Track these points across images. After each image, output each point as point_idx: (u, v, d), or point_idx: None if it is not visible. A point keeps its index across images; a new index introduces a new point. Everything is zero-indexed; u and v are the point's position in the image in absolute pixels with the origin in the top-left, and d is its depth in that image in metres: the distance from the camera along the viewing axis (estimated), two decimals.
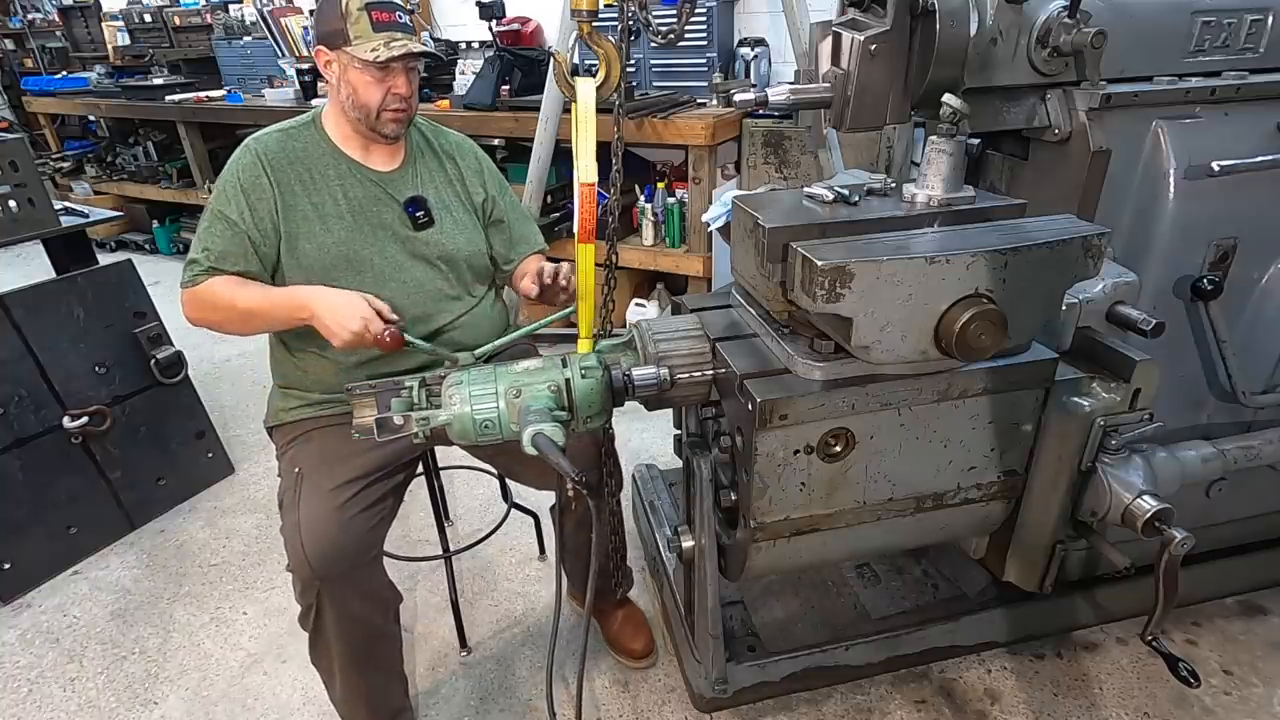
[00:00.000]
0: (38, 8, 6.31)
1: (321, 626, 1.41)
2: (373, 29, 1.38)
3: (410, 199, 1.51)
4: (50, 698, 1.81)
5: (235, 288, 1.39)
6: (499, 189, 1.68)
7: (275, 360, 1.58)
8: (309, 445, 1.48)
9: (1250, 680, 1.70)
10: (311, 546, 1.32)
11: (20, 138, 2.23)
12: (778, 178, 3.20)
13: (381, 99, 1.42)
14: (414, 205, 1.51)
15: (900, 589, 1.80)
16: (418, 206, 1.52)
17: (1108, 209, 1.37)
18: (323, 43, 1.43)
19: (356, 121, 1.46)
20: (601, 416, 1.24)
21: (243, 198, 1.41)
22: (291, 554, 1.34)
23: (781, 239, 1.08)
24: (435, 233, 1.53)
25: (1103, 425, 1.22)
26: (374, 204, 1.49)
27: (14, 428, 2.05)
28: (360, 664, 1.47)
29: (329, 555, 1.32)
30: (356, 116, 1.45)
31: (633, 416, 2.69)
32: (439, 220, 1.54)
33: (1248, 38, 1.39)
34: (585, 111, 1.17)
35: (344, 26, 1.38)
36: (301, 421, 1.52)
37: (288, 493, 1.41)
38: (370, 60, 1.37)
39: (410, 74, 1.45)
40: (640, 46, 3.34)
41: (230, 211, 1.41)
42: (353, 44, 1.38)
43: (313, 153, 1.48)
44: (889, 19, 1.15)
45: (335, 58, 1.42)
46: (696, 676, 1.61)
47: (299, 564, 1.33)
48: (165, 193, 4.82)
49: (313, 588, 1.35)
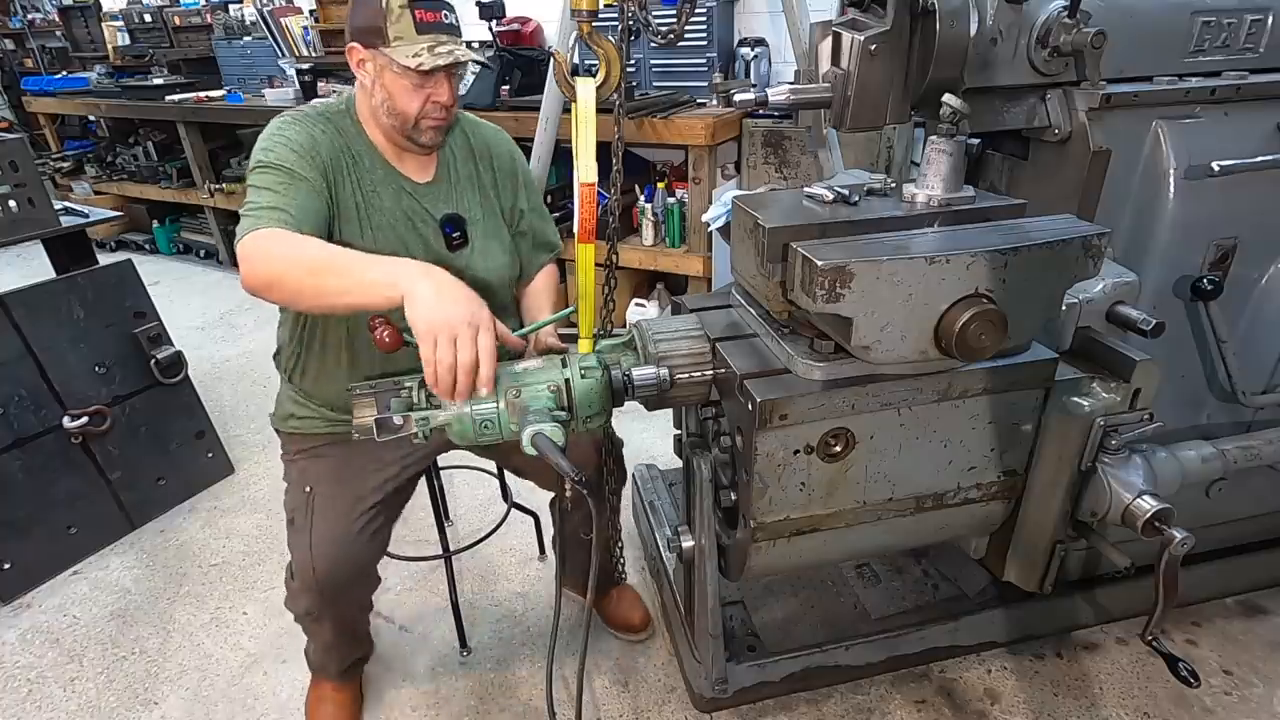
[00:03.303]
0: (38, 8, 6.32)
1: (313, 632, 1.54)
2: (415, 30, 1.23)
3: (446, 217, 1.39)
4: (50, 698, 1.81)
5: (305, 237, 1.16)
6: (529, 194, 1.55)
7: (290, 357, 1.46)
8: (321, 462, 1.44)
9: (1250, 680, 1.70)
10: (322, 566, 1.35)
11: (20, 138, 2.23)
12: (778, 178, 3.20)
13: (421, 107, 1.28)
14: (450, 225, 1.39)
15: (900, 589, 1.80)
16: (454, 226, 1.39)
17: (1108, 209, 1.37)
18: (357, 40, 1.28)
19: (390, 128, 1.32)
20: (601, 416, 1.24)
21: (304, 158, 1.23)
22: (300, 572, 1.38)
23: (781, 239, 1.08)
24: (468, 254, 1.42)
25: (1103, 425, 1.22)
26: (414, 217, 1.36)
27: (14, 428, 2.05)
28: (340, 646, 1.62)
29: (339, 577, 1.38)
30: (391, 123, 1.31)
31: (633, 416, 2.69)
32: (472, 241, 1.43)
33: (1248, 38, 1.39)
34: (585, 111, 1.17)
35: (383, 25, 1.23)
36: (315, 435, 1.47)
37: (299, 511, 1.40)
38: (412, 67, 1.23)
39: (453, 80, 1.31)
40: (640, 46, 3.34)
41: (291, 163, 1.22)
42: (392, 45, 1.24)
43: (356, 146, 1.32)
44: (889, 19, 1.15)
45: (371, 58, 1.27)
46: (696, 676, 1.61)
47: (306, 582, 1.37)
48: (165, 193, 4.82)
49: (315, 602, 1.41)
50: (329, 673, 1.67)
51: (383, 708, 1.75)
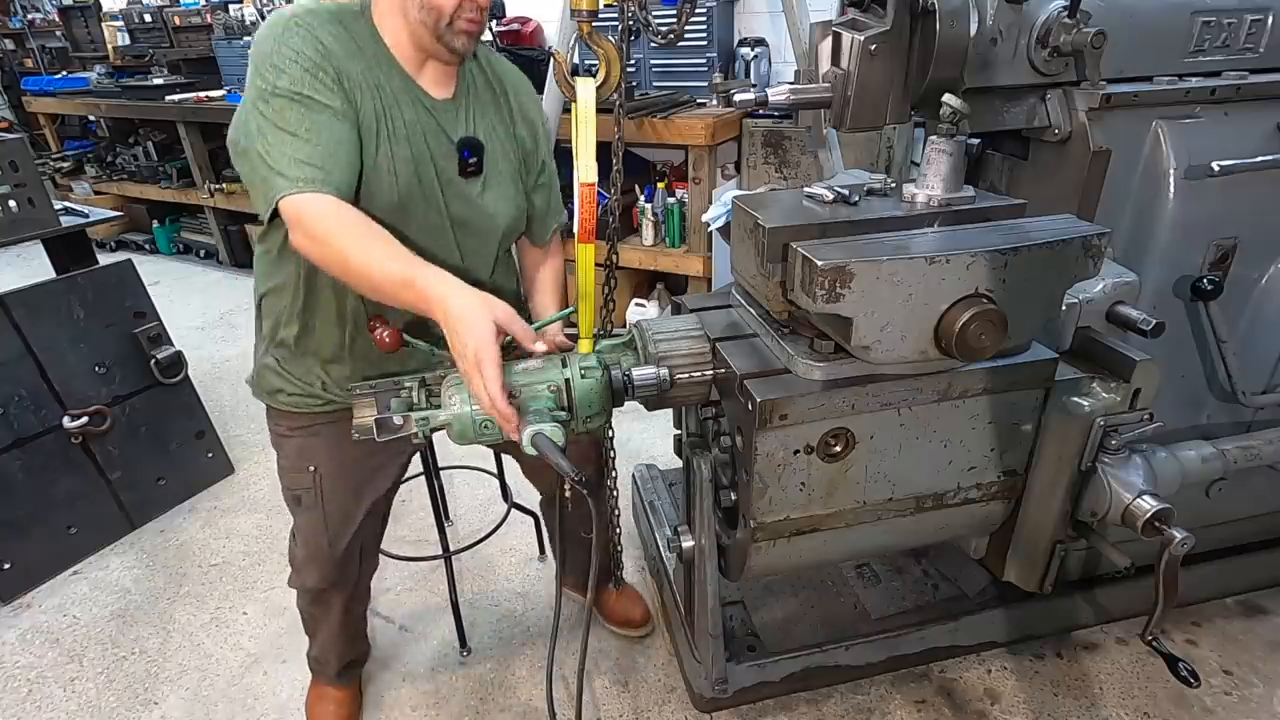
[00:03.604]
0: (38, 8, 6.31)
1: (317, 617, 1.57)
2: None
3: (464, 140, 1.26)
4: (50, 698, 1.81)
5: (349, 226, 1.07)
6: (547, 141, 1.44)
7: (280, 324, 1.32)
8: (317, 440, 1.39)
9: (1250, 680, 1.70)
10: (338, 542, 1.41)
11: (20, 138, 2.22)
12: (778, 178, 3.20)
13: (458, 3, 1.15)
14: (468, 149, 1.26)
15: (900, 589, 1.80)
16: (471, 151, 1.26)
17: (1108, 209, 1.37)
18: None
19: (420, 26, 1.17)
20: (601, 416, 1.24)
21: (319, 79, 1.09)
22: (314, 548, 1.42)
23: (781, 239, 1.08)
24: (480, 184, 1.29)
25: (1103, 425, 1.22)
26: (429, 135, 1.22)
27: (14, 428, 2.05)
28: (341, 636, 1.63)
29: (353, 549, 1.45)
30: (422, 20, 1.16)
31: (633, 416, 2.69)
32: (486, 172, 1.30)
33: (1248, 38, 1.39)
34: (585, 111, 1.16)
35: None
36: (307, 414, 1.38)
37: (306, 491, 1.40)
38: None
39: None
40: (640, 46, 3.33)
41: (307, 88, 1.08)
42: None
43: (370, 51, 1.18)
44: (889, 19, 1.15)
45: None
46: (696, 676, 1.61)
47: (320, 556, 1.42)
48: (165, 193, 4.82)
49: (328, 575, 1.46)
50: (328, 672, 1.67)
51: (383, 708, 1.75)
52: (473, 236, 1.31)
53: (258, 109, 1.09)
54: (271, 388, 1.38)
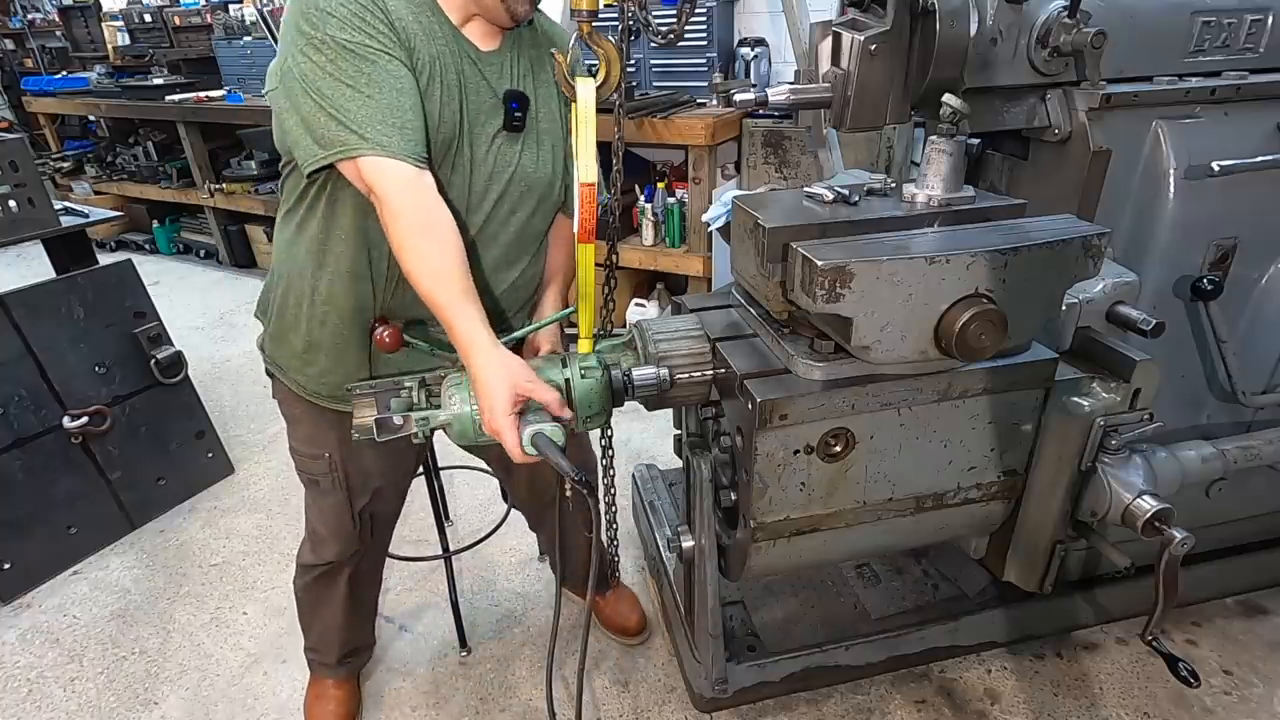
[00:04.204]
0: (38, 8, 6.31)
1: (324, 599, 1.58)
2: None
3: (510, 92, 1.20)
4: (50, 698, 1.81)
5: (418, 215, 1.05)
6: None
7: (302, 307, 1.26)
8: (334, 434, 1.37)
9: (1250, 680, 1.70)
10: (361, 521, 1.44)
11: (20, 138, 2.22)
12: (778, 178, 3.20)
13: None
14: (515, 101, 1.20)
15: (900, 589, 1.80)
16: (519, 104, 1.20)
17: (1108, 209, 1.37)
18: None
19: None
20: (601, 416, 1.24)
21: (374, 28, 1.02)
22: (336, 525, 1.44)
23: (781, 239, 1.08)
24: (520, 141, 1.23)
25: (1103, 425, 1.22)
26: (479, 89, 1.17)
27: (14, 428, 2.05)
28: (347, 619, 1.62)
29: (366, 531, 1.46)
30: None
31: (633, 416, 2.69)
32: (528, 129, 1.24)
33: (1248, 38, 1.39)
34: (585, 111, 1.16)
35: None
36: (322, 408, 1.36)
37: (323, 476, 1.41)
38: None
39: None
40: (640, 46, 3.33)
41: (363, 41, 1.02)
42: None
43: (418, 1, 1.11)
44: (889, 19, 1.15)
45: None
46: (696, 676, 1.61)
47: (343, 532, 1.44)
48: (165, 193, 4.82)
49: (349, 546, 1.48)
50: (328, 661, 1.67)
51: (382, 708, 1.75)
52: (513, 196, 1.26)
53: (307, 56, 1.02)
54: (288, 363, 1.34)
